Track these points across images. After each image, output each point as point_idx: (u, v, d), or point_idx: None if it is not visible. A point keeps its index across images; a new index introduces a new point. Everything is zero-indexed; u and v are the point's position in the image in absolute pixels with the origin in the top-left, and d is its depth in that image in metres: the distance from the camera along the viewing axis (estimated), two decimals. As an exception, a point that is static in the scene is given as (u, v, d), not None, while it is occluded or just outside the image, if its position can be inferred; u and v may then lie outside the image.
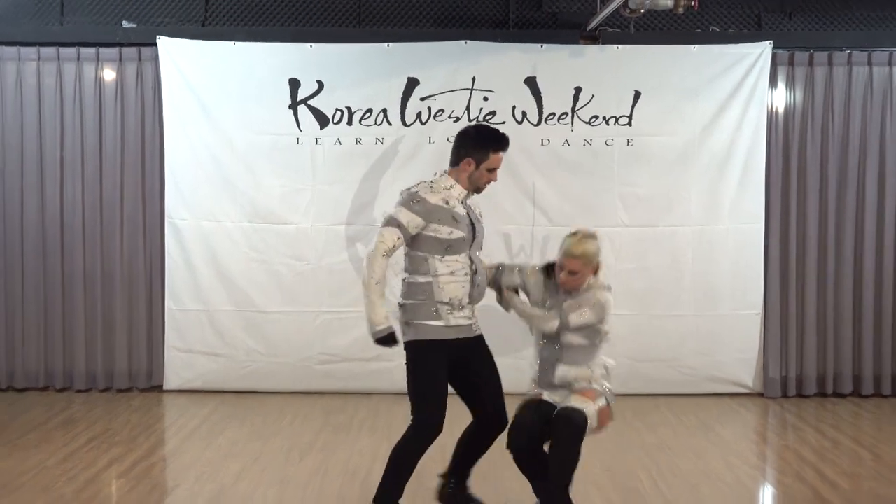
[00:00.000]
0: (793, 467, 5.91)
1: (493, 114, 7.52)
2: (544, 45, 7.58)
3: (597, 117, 7.61)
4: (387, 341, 4.37)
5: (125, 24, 7.66)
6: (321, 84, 7.57)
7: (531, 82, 7.59)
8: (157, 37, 7.53)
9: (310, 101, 7.59)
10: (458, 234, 4.39)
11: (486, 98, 7.57)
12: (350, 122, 7.60)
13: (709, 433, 6.74)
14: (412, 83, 7.57)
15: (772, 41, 7.56)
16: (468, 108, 7.55)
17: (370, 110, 7.58)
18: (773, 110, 7.69)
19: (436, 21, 7.78)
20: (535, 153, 7.59)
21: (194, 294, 7.66)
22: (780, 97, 7.70)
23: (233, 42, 7.56)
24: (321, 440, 6.40)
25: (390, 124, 7.59)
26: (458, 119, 7.50)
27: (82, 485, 5.37)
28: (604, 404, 4.55)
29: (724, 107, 7.56)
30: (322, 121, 7.60)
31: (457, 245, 4.40)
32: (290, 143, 7.60)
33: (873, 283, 7.76)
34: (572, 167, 7.62)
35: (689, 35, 7.69)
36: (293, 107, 7.60)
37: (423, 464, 4.50)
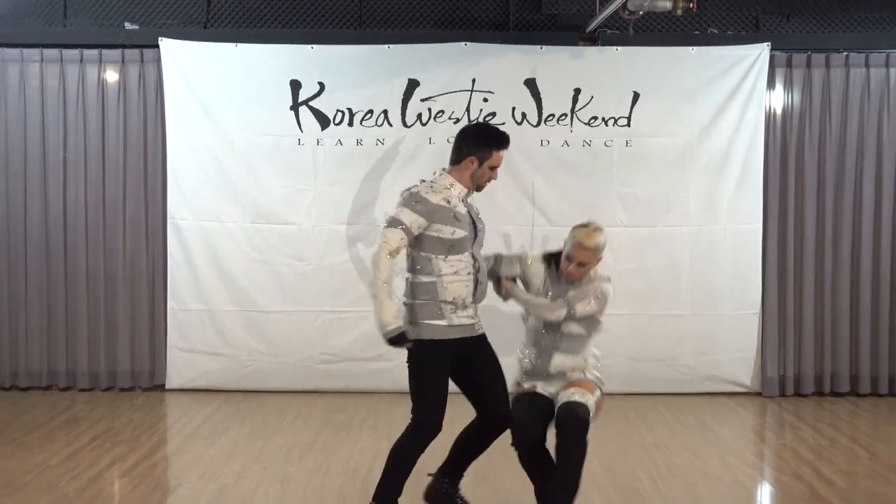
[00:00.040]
0: (790, 466, 5.93)
1: (493, 115, 7.52)
2: (544, 47, 7.59)
3: (596, 118, 7.62)
4: (398, 341, 4.33)
5: (128, 25, 7.66)
6: (322, 85, 7.59)
7: (531, 84, 7.60)
8: (160, 38, 7.53)
9: (311, 103, 7.60)
10: (460, 233, 4.39)
11: (486, 99, 7.57)
12: (351, 123, 7.60)
13: (707, 432, 6.75)
14: (413, 84, 7.58)
15: (770, 43, 7.57)
16: (468, 109, 7.55)
17: (371, 111, 7.59)
18: (771, 112, 7.70)
19: (436, 23, 7.78)
20: (534, 154, 7.59)
21: (196, 294, 7.67)
22: (777, 99, 7.71)
23: (235, 44, 7.56)
24: (322, 439, 6.41)
25: (391, 125, 7.60)
26: (458, 120, 7.51)
27: (85, 483, 5.40)
28: (599, 395, 4.63)
29: (723, 108, 7.57)
30: (323, 122, 7.61)
31: (460, 244, 4.40)
32: (292, 144, 7.61)
33: (870, 283, 7.77)
34: (572, 168, 7.63)
35: (688, 37, 7.69)
36: (294, 108, 7.61)
37: (423, 462, 4.51)
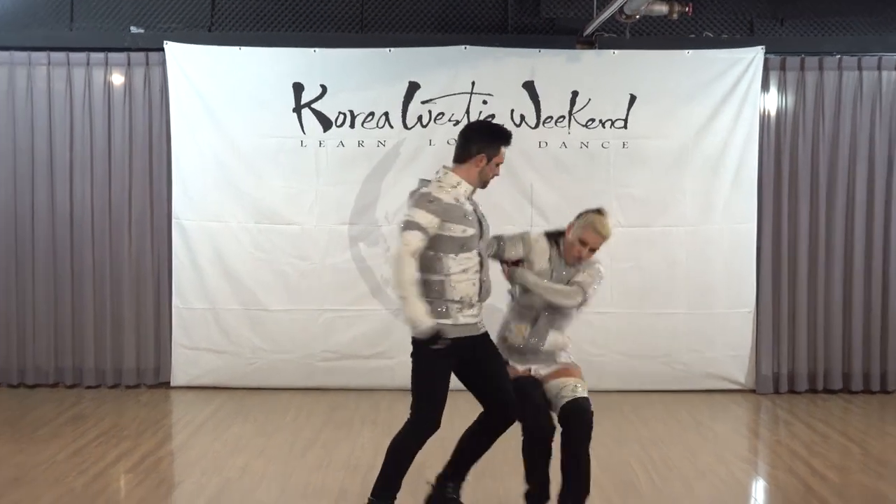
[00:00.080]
0: (784, 461, 5.97)
1: (493, 117, 7.54)
2: (542, 50, 7.63)
3: (593, 120, 7.68)
4: (433, 341, 4.25)
5: (133, 29, 7.72)
6: (324, 88, 7.64)
7: (529, 86, 7.65)
8: (165, 42, 7.58)
9: (313, 105, 7.66)
10: (470, 231, 4.38)
11: (485, 102, 7.62)
12: (353, 125, 7.66)
13: (702, 428, 6.80)
14: (413, 87, 7.64)
15: (764, 46, 7.62)
16: (468, 111, 7.60)
17: (372, 113, 7.65)
18: (766, 114, 7.74)
19: (436, 27, 7.82)
20: (533, 155, 7.64)
21: (201, 293, 7.72)
22: (772, 101, 7.76)
23: (238, 47, 7.61)
24: (324, 435, 6.45)
25: (392, 127, 7.66)
26: (457, 122, 7.55)
27: (92, 478, 5.43)
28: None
29: (718, 110, 7.61)
30: (325, 124, 7.66)
31: (469, 242, 4.39)
32: (294, 146, 7.67)
33: (863, 282, 7.81)
34: (569, 169, 7.68)
35: (684, 40, 7.74)
36: (297, 110, 7.66)
37: (423, 459, 4.52)
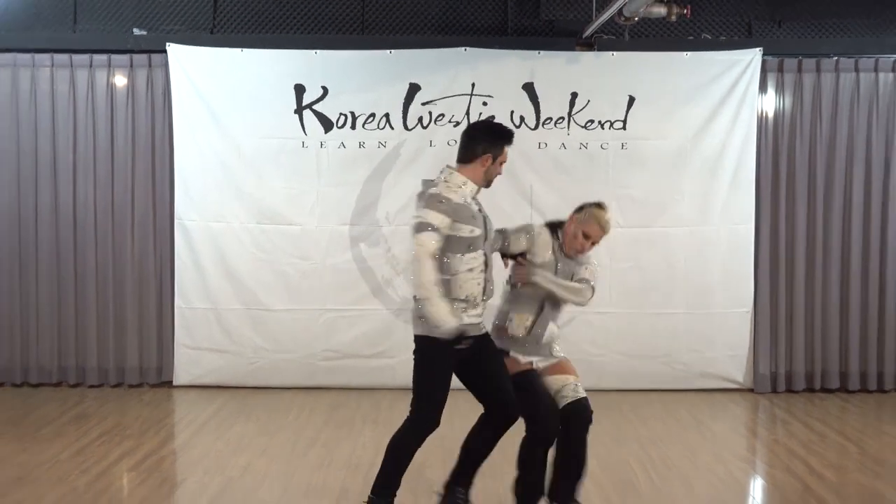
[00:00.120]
0: (782, 460, 6.00)
1: (492, 118, 7.51)
2: (542, 52, 7.67)
3: (592, 122, 7.71)
4: (457, 341, 4.25)
5: (136, 31, 7.75)
6: (326, 89, 7.69)
7: (529, 88, 7.69)
8: (167, 44, 7.62)
9: (315, 106, 7.70)
10: (477, 230, 4.39)
11: (485, 103, 7.65)
12: (354, 127, 7.69)
13: (701, 427, 6.84)
14: (414, 88, 7.68)
15: (761, 48, 7.66)
16: (468, 112, 7.64)
17: (373, 115, 7.69)
18: (763, 115, 7.78)
19: (437, 29, 7.86)
20: (532, 156, 7.68)
21: (203, 293, 7.76)
22: (769, 102, 7.80)
23: (240, 49, 7.65)
24: (325, 434, 6.48)
25: (392, 128, 7.69)
26: (458, 123, 7.58)
27: (95, 477, 5.46)
28: None
29: (716, 112, 7.65)
30: (326, 125, 7.70)
31: (476, 242, 4.39)
32: (296, 147, 7.70)
33: (860, 282, 7.85)
34: (569, 170, 7.71)
35: (682, 42, 7.78)
36: (299, 112, 7.70)
37: (423, 458, 4.53)
